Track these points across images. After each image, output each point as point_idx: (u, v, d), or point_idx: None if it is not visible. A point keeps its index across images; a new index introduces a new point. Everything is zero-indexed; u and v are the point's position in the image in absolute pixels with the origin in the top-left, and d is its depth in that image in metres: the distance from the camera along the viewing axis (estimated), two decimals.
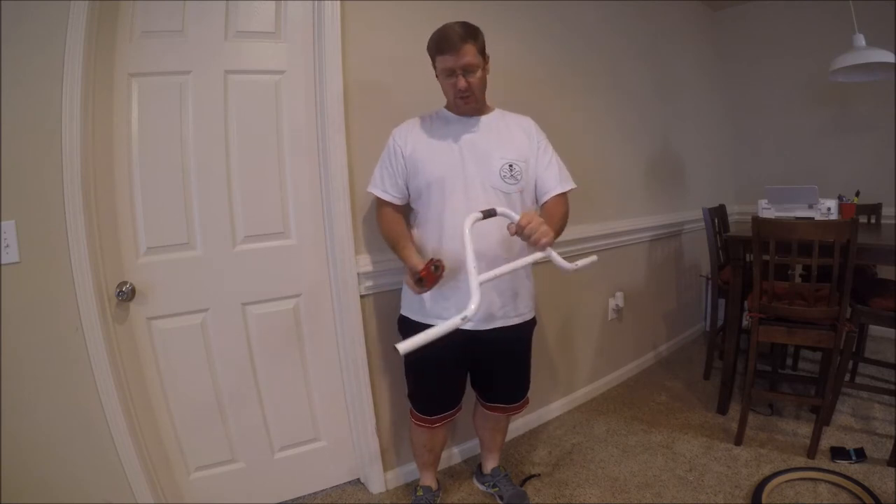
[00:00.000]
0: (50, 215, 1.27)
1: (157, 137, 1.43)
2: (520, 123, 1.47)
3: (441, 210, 1.36)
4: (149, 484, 1.43)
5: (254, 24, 1.52)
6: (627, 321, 2.67)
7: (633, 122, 2.66)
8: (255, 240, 1.58)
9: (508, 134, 1.42)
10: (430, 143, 1.39)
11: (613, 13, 2.50)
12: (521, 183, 1.38)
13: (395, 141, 1.42)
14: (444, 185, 1.35)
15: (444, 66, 1.30)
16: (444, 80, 1.34)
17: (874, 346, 2.75)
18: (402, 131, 1.43)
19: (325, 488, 1.79)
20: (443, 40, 1.28)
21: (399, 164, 1.40)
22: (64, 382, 1.32)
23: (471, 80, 1.30)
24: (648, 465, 1.87)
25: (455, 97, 1.34)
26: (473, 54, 1.28)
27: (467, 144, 1.37)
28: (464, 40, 1.25)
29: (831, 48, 2.19)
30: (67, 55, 1.24)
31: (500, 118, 1.45)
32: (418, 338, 0.86)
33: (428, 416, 1.49)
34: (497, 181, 1.35)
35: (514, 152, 1.38)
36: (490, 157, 1.36)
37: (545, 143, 1.47)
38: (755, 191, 2.99)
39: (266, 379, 1.64)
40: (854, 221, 1.67)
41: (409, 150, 1.39)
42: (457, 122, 1.41)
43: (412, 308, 1.46)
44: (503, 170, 1.35)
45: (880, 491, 1.59)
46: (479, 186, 1.34)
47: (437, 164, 1.36)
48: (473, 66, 1.29)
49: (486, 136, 1.39)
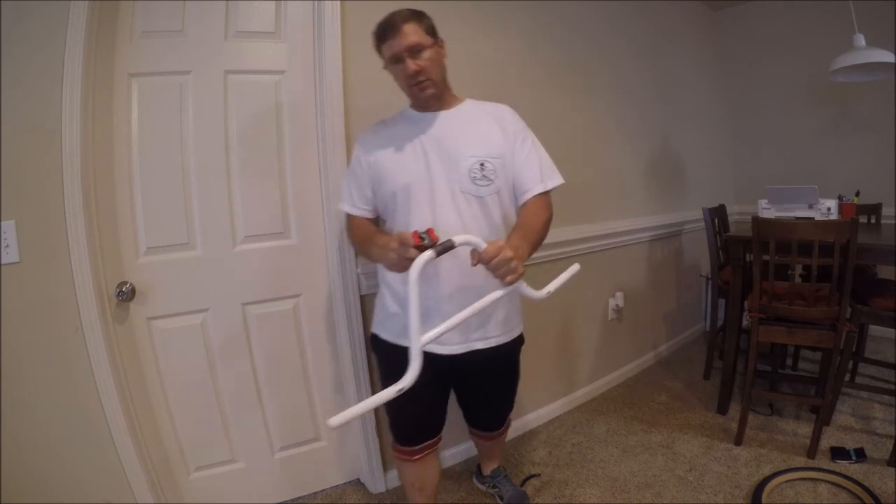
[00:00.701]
0: (50, 215, 1.27)
1: (157, 137, 1.43)
2: (493, 113, 1.28)
3: (406, 223, 1.19)
4: (149, 484, 1.43)
5: (254, 24, 1.52)
6: (627, 321, 2.67)
7: (633, 122, 2.66)
8: (255, 240, 1.58)
9: (478, 127, 1.24)
10: (393, 148, 1.23)
11: (613, 13, 2.50)
12: (497, 183, 1.20)
13: (357, 149, 1.30)
14: (409, 194, 1.19)
15: (389, 53, 1.16)
16: (394, 69, 1.18)
17: (874, 346, 2.75)
18: (365, 137, 1.30)
19: (325, 488, 1.79)
20: (383, 26, 1.15)
21: (364, 173, 1.26)
22: (64, 382, 1.32)
23: (420, 61, 1.14)
24: (648, 465, 1.87)
25: (410, 86, 1.18)
26: (418, 33, 1.14)
27: (433, 144, 1.20)
28: (405, 20, 1.13)
29: (831, 48, 2.19)
30: (67, 55, 1.24)
31: (470, 110, 1.28)
32: (352, 410, 0.81)
33: (409, 446, 1.35)
34: (467, 184, 1.18)
35: (485, 148, 1.20)
36: (458, 155, 1.19)
37: (524, 132, 1.27)
38: (755, 191, 2.99)
39: (266, 379, 1.64)
40: (854, 221, 1.67)
41: (372, 158, 1.25)
42: (421, 120, 1.24)
43: (385, 326, 1.31)
44: (473, 170, 1.18)
45: (880, 491, 1.59)
46: (447, 192, 1.18)
47: (399, 170, 1.21)
48: (420, 45, 1.14)
49: (454, 132, 1.22)
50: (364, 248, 1.22)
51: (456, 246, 0.94)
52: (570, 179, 2.26)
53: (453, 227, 1.15)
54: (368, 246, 1.17)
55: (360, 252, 1.30)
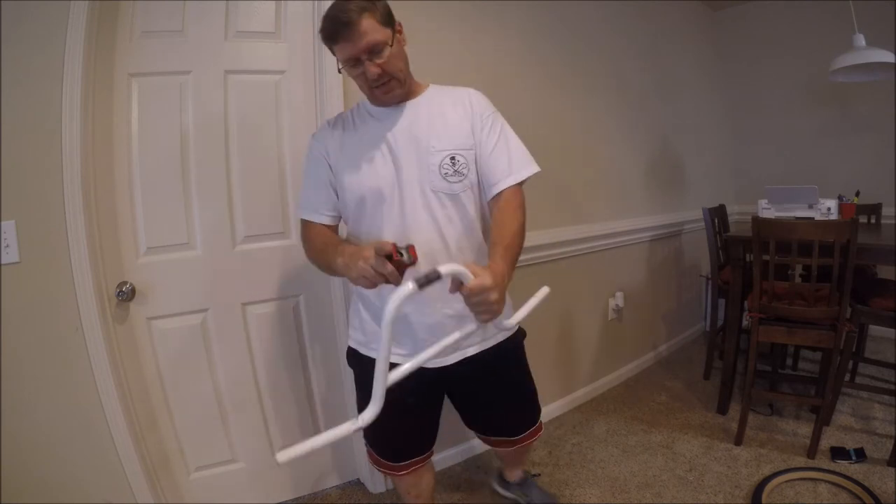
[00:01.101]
0: (50, 215, 1.27)
1: (157, 137, 1.43)
2: (458, 99, 1.13)
3: (376, 228, 1.08)
4: (149, 484, 1.43)
5: (254, 24, 1.52)
6: (627, 321, 2.67)
7: (633, 122, 2.66)
8: (255, 240, 1.58)
9: (445, 117, 1.10)
10: (353, 148, 1.11)
11: (613, 13, 2.50)
12: (470, 177, 1.09)
13: (316, 148, 1.15)
14: (377, 198, 1.07)
15: (343, 55, 1.01)
16: (351, 71, 1.04)
17: (874, 346, 2.75)
18: (321, 136, 1.16)
19: (325, 488, 1.79)
20: (331, 25, 0.98)
21: (327, 173, 1.13)
22: (64, 382, 1.32)
23: (381, 62, 1.00)
24: (648, 465, 1.87)
25: (370, 89, 1.05)
26: (375, 29, 0.98)
27: (399, 141, 1.08)
28: (358, 14, 0.96)
29: (831, 48, 2.19)
30: (67, 55, 1.24)
31: (434, 98, 1.13)
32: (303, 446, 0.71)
33: (393, 461, 1.24)
34: (438, 181, 1.06)
35: (454, 140, 1.08)
36: (426, 151, 1.06)
37: (492, 117, 1.12)
38: (755, 191, 2.98)
39: (266, 379, 1.64)
40: (854, 221, 1.67)
41: (334, 160, 1.12)
42: (386, 117, 1.11)
43: (358, 340, 1.20)
44: (444, 165, 1.06)
45: (880, 491, 1.59)
46: (419, 192, 1.06)
47: (367, 173, 1.08)
48: (379, 44, 0.99)
49: (419, 126, 1.09)
50: (324, 259, 1.07)
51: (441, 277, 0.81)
52: (571, 179, 2.29)
53: (426, 231, 1.06)
54: (331, 255, 1.02)
55: (318, 263, 1.12)
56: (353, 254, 0.93)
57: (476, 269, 0.86)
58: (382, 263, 0.87)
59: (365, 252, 0.89)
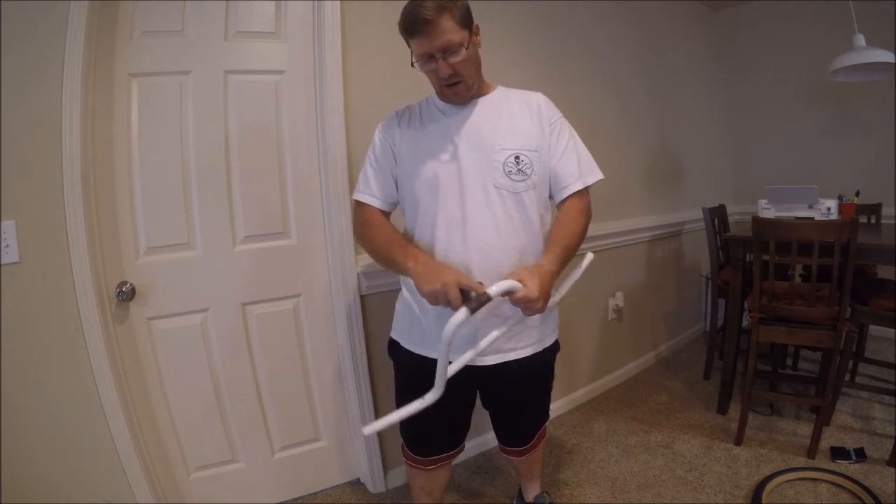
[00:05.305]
0: (50, 215, 1.27)
1: (157, 137, 1.43)
2: (526, 101, 1.17)
3: (432, 221, 1.11)
4: (149, 484, 1.43)
5: (254, 24, 1.52)
6: (627, 321, 2.67)
7: (632, 122, 2.66)
8: (255, 240, 1.58)
9: (512, 117, 1.14)
10: (419, 139, 1.14)
11: (613, 13, 2.50)
12: (533, 177, 1.11)
13: (383, 136, 1.19)
14: (436, 190, 1.10)
15: (419, 51, 1.04)
16: (424, 66, 1.07)
17: (874, 346, 2.75)
18: (389, 125, 1.19)
19: (325, 488, 1.79)
20: (410, 19, 1.00)
21: (390, 161, 1.17)
22: (64, 382, 1.32)
23: (455, 62, 1.03)
24: (648, 465, 1.87)
25: (441, 86, 1.09)
26: (453, 30, 1.00)
27: (464, 136, 1.11)
28: (438, 12, 0.97)
29: (831, 48, 2.19)
30: (67, 55, 1.24)
31: (502, 98, 1.18)
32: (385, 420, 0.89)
33: (423, 456, 1.28)
34: (501, 179, 1.08)
35: (520, 140, 1.11)
36: (492, 148, 1.09)
37: (560, 122, 1.17)
38: (755, 191, 2.98)
39: (266, 379, 1.64)
40: (854, 221, 1.67)
41: (400, 149, 1.16)
42: (450, 111, 1.15)
43: (403, 333, 1.23)
44: (508, 163, 1.09)
45: (880, 491, 1.59)
46: (480, 188, 1.08)
47: (426, 164, 1.11)
48: (454, 44, 1.01)
49: (486, 123, 1.12)
50: (389, 254, 1.11)
51: (491, 298, 0.88)
52: None
53: (484, 226, 1.08)
54: (399, 255, 1.07)
55: (377, 254, 1.15)
56: (433, 270, 0.99)
57: (523, 275, 0.95)
58: (458, 296, 0.92)
59: (447, 277, 0.95)
